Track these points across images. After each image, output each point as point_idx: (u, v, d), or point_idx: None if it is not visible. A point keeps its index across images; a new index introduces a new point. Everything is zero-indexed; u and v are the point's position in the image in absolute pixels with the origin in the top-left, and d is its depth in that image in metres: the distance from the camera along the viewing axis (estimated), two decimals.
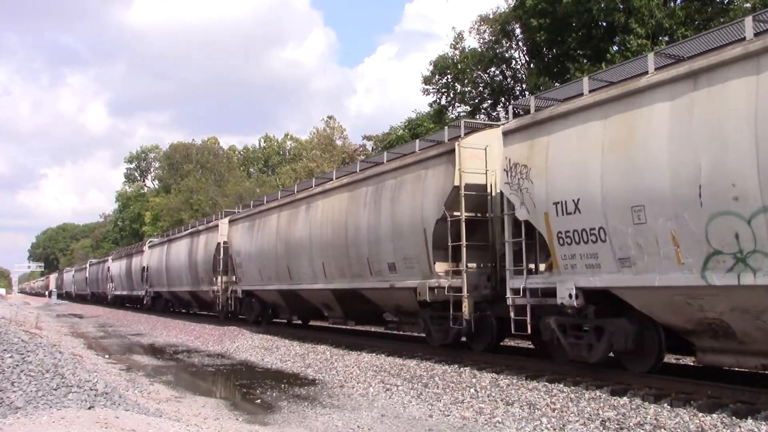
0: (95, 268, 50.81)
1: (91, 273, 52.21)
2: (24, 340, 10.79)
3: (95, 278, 49.93)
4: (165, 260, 29.59)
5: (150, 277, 32.38)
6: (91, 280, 52.01)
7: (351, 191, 14.59)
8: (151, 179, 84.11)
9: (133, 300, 38.54)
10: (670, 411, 7.25)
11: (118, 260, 41.44)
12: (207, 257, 23.70)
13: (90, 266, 53.65)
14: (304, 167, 47.72)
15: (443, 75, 30.21)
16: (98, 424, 6.15)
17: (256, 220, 19.80)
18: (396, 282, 12.67)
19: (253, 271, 19.72)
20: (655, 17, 21.05)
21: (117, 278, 41.26)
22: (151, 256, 32.62)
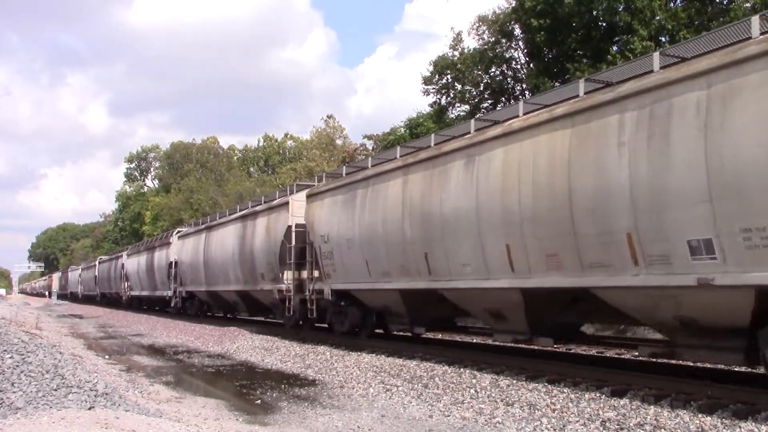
0: (106, 265, 45.66)
1: (101, 271, 47.26)
2: (24, 341, 10.79)
3: (106, 277, 44.94)
4: (203, 252, 24.08)
5: (181, 274, 27.02)
6: (101, 280, 47.18)
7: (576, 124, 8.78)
8: (151, 179, 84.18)
9: (156, 302, 33.61)
10: (670, 411, 7.25)
11: (136, 256, 36.02)
12: (270, 246, 18.13)
13: (100, 264, 48.30)
14: (305, 167, 47.73)
15: (443, 75, 30.21)
16: (98, 425, 6.15)
17: (357, 191, 14.12)
18: None
19: (353, 264, 14.05)
20: (657, 18, 21.05)
21: (134, 277, 35.88)
22: (181, 248, 27.10)
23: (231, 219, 22.23)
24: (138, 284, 35.35)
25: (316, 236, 15.61)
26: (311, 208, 16.12)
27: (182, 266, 26.63)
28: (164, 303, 31.04)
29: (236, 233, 20.97)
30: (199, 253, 24.57)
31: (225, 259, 21.72)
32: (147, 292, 33.55)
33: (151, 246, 32.97)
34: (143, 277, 33.91)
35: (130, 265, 36.74)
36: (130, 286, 37.20)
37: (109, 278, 43.85)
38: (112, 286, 43.13)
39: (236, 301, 22.00)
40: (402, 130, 34.63)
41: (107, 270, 44.95)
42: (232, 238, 21.18)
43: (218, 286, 22.82)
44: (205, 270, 23.76)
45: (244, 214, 20.84)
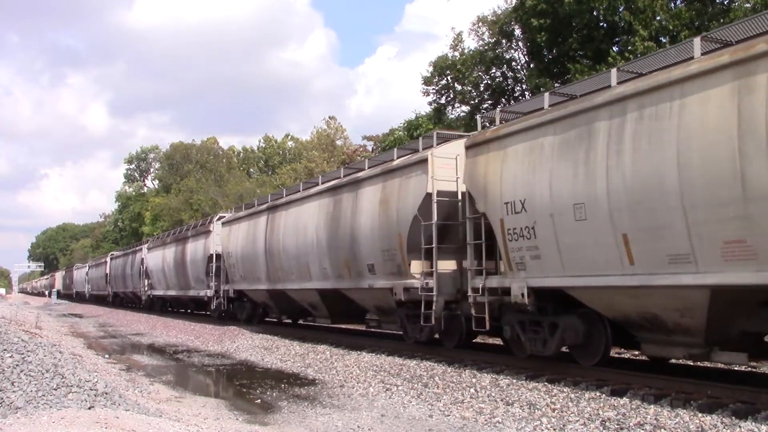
0: (120, 261, 40.73)
1: (114, 268, 42.48)
2: (24, 340, 10.79)
3: (120, 275, 39.96)
4: (264, 240, 18.55)
5: (228, 268, 21.81)
6: (114, 278, 42.42)
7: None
8: (150, 179, 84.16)
9: (186, 303, 29.51)
10: (670, 411, 7.25)
11: (160, 248, 30.80)
12: (390, 225, 12.80)
13: (112, 260, 43.56)
14: (305, 167, 47.74)
15: (443, 76, 30.20)
16: (98, 424, 6.15)
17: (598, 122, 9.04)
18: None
19: (583, 245, 8.85)
20: (657, 18, 21.04)
21: (157, 273, 30.89)
22: (228, 236, 21.86)
23: (311, 194, 16.52)
24: (162, 282, 30.43)
25: (493, 205, 10.27)
26: (479, 162, 10.72)
27: (230, 259, 21.40)
28: (200, 305, 26.30)
29: (321, 211, 15.65)
30: (256, 242, 19.19)
31: (302, 248, 16.34)
32: (175, 291, 28.59)
33: (182, 236, 27.51)
34: (170, 274, 28.88)
35: (153, 260, 31.82)
36: (151, 284, 32.51)
37: (124, 276, 39.04)
38: (127, 284, 38.53)
39: (316, 303, 16.64)
40: (400, 131, 34.60)
41: (121, 266, 40.02)
42: (315, 219, 15.85)
43: (288, 284, 17.35)
44: (268, 263, 18.33)
45: (336, 185, 15.32)
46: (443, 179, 11.96)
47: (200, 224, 26.77)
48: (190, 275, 26.12)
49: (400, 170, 12.96)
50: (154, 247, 32.54)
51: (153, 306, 33.60)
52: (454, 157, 11.97)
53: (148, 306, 34.20)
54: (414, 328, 12.77)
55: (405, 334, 13.40)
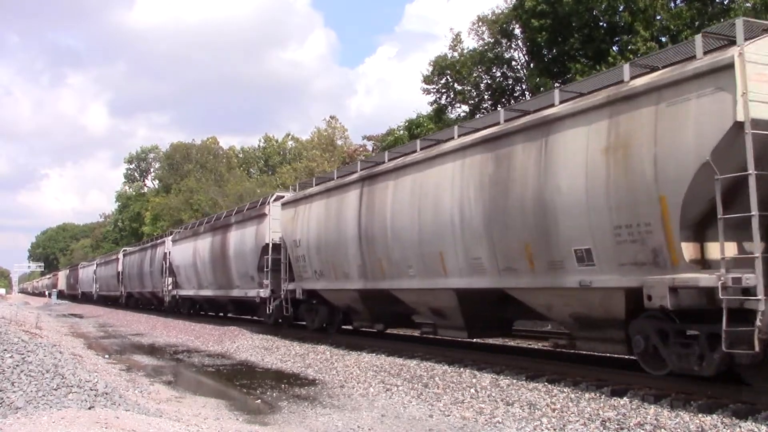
0: (136, 258, 35.91)
1: (128, 266, 37.72)
2: (24, 340, 10.79)
3: (137, 273, 35.31)
4: (362, 221, 13.78)
5: (295, 261, 16.80)
6: (128, 276, 37.73)
7: None
8: (150, 179, 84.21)
9: (224, 306, 24.49)
10: (670, 411, 7.25)
11: (188, 240, 26.03)
12: (644, 186, 7.82)
13: (125, 256, 39.03)
14: (305, 167, 47.76)
15: (443, 75, 30.21)
16: (98, 424, 6.15)
17: None
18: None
19: None
20: (658, 18, 21.05)
21: (186, 270, 26.07)
22: (293, 221, 16.91)
23: (446, 150, 11.52)
24: (192, 280, 25.71)
25: None
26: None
27: (296, 250, 16.44)
28: (249, 308, 21.56)
29: (469, 173, 10.73)
30: (342, 225, 14.47)
31: (430, 229, 11.59)
32: (211, 291, 23.79)
33: (222, 224, 22.72)
34: (204, 271, 24.01)
35: (179, 255, 27.13)
36: (176, 283, 27.95)
37: (141, 274, 34.19)
38: (145, 283, 33.62)
39: (447, 308, 11.93)
40: (401, 131, 34.59)
41: (138, 263, 35.17)
42: (457, 185, 10.96)
43: (398, 281, 12.80)
44: (363, 253, 13.68)
45: (501, 132, 10.19)
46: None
47: (248, 207, 21.51)
48: (233, 271, 21.14)
49: (656, 91, 7.75)
50: (181, 239, 27.48)
51: (178, 309, 28.83)
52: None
53: (171, 308, 29.38)
54: (689, 357, 7.83)
55: (648, 366, 8.46)
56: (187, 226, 29.95)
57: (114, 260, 42.52)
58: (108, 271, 44.31)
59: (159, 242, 31.97)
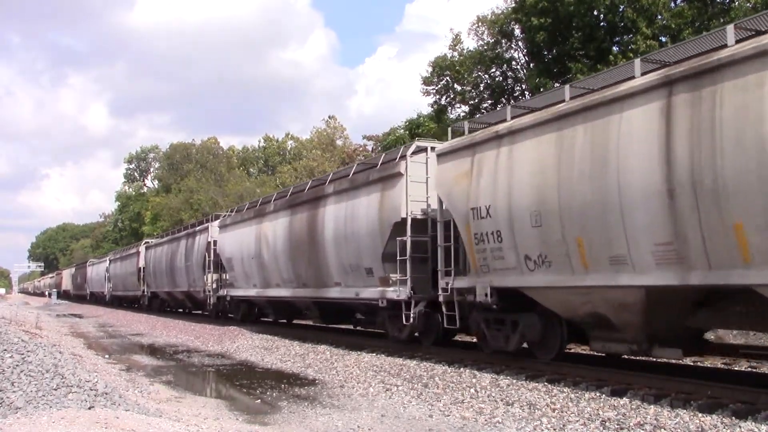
0: (164, 250, 29.77)
1: (153, 260, 31.57)
2: (24, 340, 10.80)
3: (166, 269, 29.09)
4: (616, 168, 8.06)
5: (483, 242, 10.49)
6: (153, 273, 31.49)
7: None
8: (150, 179, 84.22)
9: (298, 311, 18.74)
10: (670, 411, 7.25)
11: (250, 223, 19.67)
12: None
13: (149, 249, 33.22)
14: (305, 166, 47.76)
15: (442, 76, 30.21)
16: (98, 424, 6.15)
17: None
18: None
19: None
20: (658, 18, 21.06)
21: (246, 263, 19.66)
22: (472, 176, 10.78)
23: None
24: (254, 277, 19.42)
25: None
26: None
27: (480, 225, 10.53)
28: (347, 313, 16.29)
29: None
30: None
31: None
32: (288, 290, 17.39)
33: (307, 198, 16.48)
34: (276, 262, 17.75)
35: (232, 243, 20.98)
36: (227, 280, 22.24)
37: (172, 269, 28.07)
38: (178, 281, 27.35)
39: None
40: (401, 131, 34.62)
41: (166, 257, 29.14)
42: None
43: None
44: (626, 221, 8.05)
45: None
46: None
47: (358, 170, 15.22)
48: (331, 262, 14.99)
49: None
50: (234, 223, 21.26)
51: (225, 313, 23.24)
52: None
53: (217, 314, 23.90)
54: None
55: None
56: (243, 207, 22.20)
57: (133, 255, 36.33)
58: (126, 267, 38.19)
59: (199, 229, 25.33)
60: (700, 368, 10.35)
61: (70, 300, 61.48)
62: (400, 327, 13.21)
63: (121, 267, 40.31)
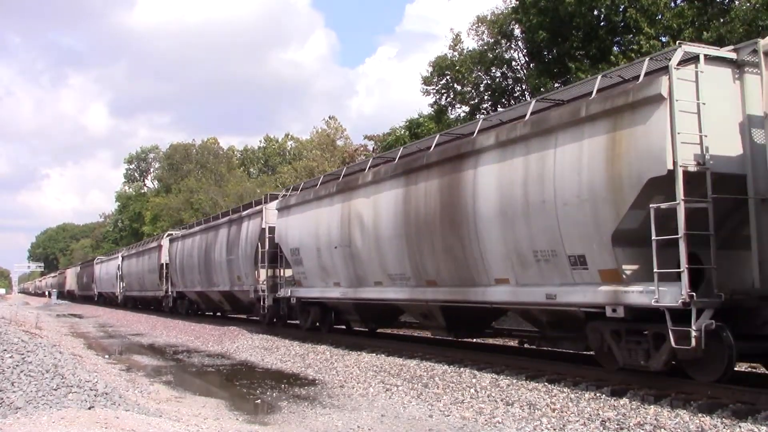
0: (196, 242, 25.18)
1: (179, 255, 27.39)
2: (24, 340, 10.80)
3: (199, 263, 24.47)
4: None
5: None
6: (180, 270, 26.95)
7: None
8: (150, 179, 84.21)
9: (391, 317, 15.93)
10: (670, 411, 7.25)
11: (331, 200, 15.09)
12: None
13: (172, 243, 28.85)
14: (305, 166, 47.76)
15: (442, 76, 30.18)
16: (98, 424, 6.15)
17: None
18: None
19: None
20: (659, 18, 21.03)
21: (324, 256, 15.27)
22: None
23: None
24: (344, 271, 14.66)
25: None
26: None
27: None
28: (546, 329, 10.63)
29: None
30: None
31: None
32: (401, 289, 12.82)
33: (438, 160, 11.70)
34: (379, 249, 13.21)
35: (301, 228, 16.36)
36: (294, 277, 17.17)
37: (207, 265, 23.37)
38: (214, 278, 22.85)
39: None
40: (402, 131, 34.60)
41: (199, 250, 24.64)
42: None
43: None
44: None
45: None
46: None
47: (561, 102, 10.41)
48: (489, 246, 10.37)
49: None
50: (303, 202, 16.30)
51: (299, 319, 17.59)
52: None
53: (271, 319, 19.11)
54: None
55: None
56: (313, 183, 17.21)
57: (154, 249, 31.65)
58: (143, 264, 33.57)
59: (248, 213, 20.43)
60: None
61: (75, 301, 58.54)
62: (655, 355, 8.21)
63: (137, 264, 35.30)
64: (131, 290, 37.44)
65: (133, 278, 36.62)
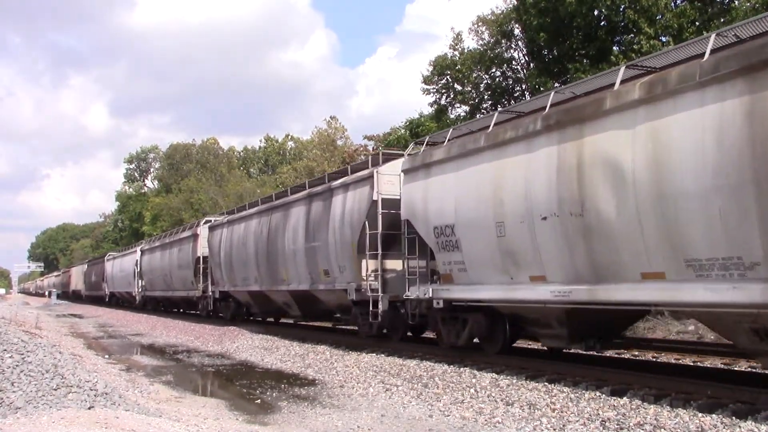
0: (241, 230, 20.51)
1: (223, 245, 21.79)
2: (24, 340, 10.80)
3: (250, 257, 19.47)
4: None
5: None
6: (226, 264, 21.37)
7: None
8: (151, 179, 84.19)
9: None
10: (670, 411, 7.25)
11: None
12: None
13: (214, 230, 23.06)
14: (305, 166, 47.75)
15: (443, 76, 30.18)
16: (98, 424, 6.15)
17: None
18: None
19: None
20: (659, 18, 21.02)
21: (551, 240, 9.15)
22: None
23: None
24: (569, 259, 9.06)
25: None
26: None
27: None
28: None
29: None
30: None
31: None
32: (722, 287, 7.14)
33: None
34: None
35: (447, 190, 11.23)
36: (446, 272, 11.39)
37: (273, 254, 18.02)
38: (287, 273, 17.27)
39: None
40: (402, 131, 34.60)
41: (257, 237, 19.13)
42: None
43: None
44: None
45: None
46: None
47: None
48: None
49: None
50: (467, 152, 10.82)
51: (454, 334, 12.01)
52: None
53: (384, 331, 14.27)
54: None
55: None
56: (460, 132, 12.27)
57: (186, 240, 25.82)
58: (170, 258, 28.16)
59: (341, 184, 15.08)
60: (700, 368, 10.35)
61: (82, 302, 54.21)
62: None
63: (162, 259, 29.81)
64: (153, 289, 32.30)
65: (156, 275, 31.25)
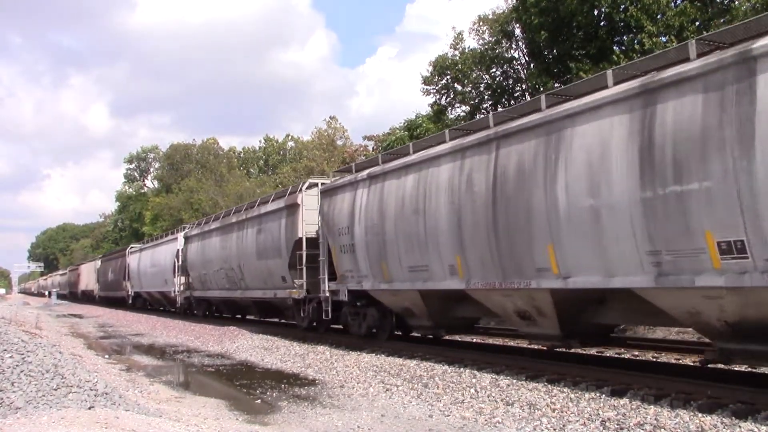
0: (384, 189, 12.56)
1: (370, 209, 12.96)
2: (24, 340, 10.79)
3: (407, 231, 11.63)
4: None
5: None
6: (389, 241, 12.25)
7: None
8: (151, 179, 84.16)
9: None
10: (670, 411, 7.25)
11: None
12: None
13: (326, 196, 14.96)
14: (305, 167, 47.75)
15: (443, 76, 30.16)
16: (98, 424, 6.15)
17: None
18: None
19: None
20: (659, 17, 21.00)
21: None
22: None
23: None
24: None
25: None
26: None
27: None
28: None
29: None
30: None
31: None
32: None
33: None
34: None
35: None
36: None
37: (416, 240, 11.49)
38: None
39: None
40: (401, 131, 34.58)
41: (407, 200, 11.81)
42: None
43: None
44: None
45: None
46: None
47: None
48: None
49: None
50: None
51: None
52: None
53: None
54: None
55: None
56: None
57: (274, 215, 17.98)
58: (237, 246, 20.42)
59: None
60: (700, 368, 10.34)
61: (95, 304, 47.90)
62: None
63: (224, 246, 21.46)
64: (208, 288, 23.69)
65: (211, 269, 22.72)
